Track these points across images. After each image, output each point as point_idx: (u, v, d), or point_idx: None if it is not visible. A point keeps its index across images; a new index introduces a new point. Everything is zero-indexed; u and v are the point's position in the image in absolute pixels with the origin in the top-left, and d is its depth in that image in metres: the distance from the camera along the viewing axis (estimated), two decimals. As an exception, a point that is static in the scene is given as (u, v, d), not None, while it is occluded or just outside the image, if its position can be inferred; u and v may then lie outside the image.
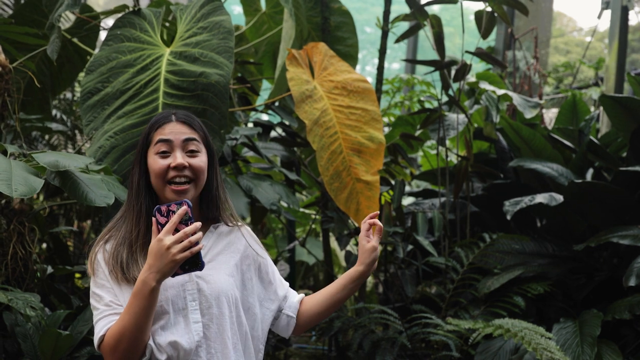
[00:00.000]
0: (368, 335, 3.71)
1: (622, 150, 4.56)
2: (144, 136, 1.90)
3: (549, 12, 8.36)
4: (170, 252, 1.70)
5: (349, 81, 3.69)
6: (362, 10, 10.22)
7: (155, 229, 1.75)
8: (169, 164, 1.84)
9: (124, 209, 1.92)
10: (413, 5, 4.16)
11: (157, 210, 1.75)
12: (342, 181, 3.51)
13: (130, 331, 1.74)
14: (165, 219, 1.75)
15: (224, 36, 3.08)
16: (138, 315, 1.73)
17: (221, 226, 2.00)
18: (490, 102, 4.65)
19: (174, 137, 1.86)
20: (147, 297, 1.72)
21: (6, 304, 2.72)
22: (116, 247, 1.86)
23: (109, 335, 1.77)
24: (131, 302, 1.74)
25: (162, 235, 1.72)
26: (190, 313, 1.83)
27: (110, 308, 1.82)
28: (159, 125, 1.89)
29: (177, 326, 1.82)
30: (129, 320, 1.74)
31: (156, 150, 1.86)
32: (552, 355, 2.90)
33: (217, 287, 1.87)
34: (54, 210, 4.63)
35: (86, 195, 2.47)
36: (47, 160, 2.43)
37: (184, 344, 1.80)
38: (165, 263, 1.71)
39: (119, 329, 1.75)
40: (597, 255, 4.28)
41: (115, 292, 1.83)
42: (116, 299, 1.82)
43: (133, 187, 1.89)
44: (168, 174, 1.85)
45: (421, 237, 3.98)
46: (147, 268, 1.72)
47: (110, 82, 3.01)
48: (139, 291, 1.73)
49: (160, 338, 1.81)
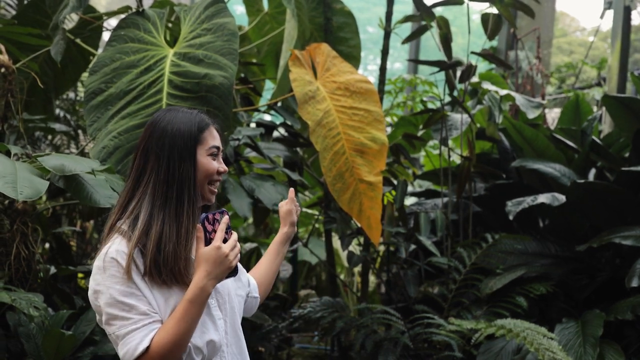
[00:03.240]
0: (370, 336, 3.71)
1: (625, 151, 4.56)
2: (194, 133, 1.84)
3: (552, 12, 8.35)
4: (229, 259, 1.76)
5: (351, 82, 3.69)
6: (364, 10, 10.21)
7: (201, 236, 1.75)
8: (217, 168, 1.87)
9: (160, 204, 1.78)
10: (420, 6, 4.15)
11: (205, 218, 1.77)
12: (344, 182, 3.51)
13: (186, 339, 1.71)
14: (211, 226, 1.78)
15: (228, 38, 3.08)
16: (194, 322, 1.71)
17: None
18: (492, 102, 4.65)
19: (220, 144, 1.90)
20: (203, 304, 1.72)
21: (9, 304, 2.73)
22: (162, 248, 1.74)
23: (157, 345, 1.69)
24: (187, 309, 1.70)
25: (219, 243, 1.75)
26: (213, 310, 1.85)
27: (148, 317, 1.71)
28: (206, 127, 1.87)
29: (207, 325, 1.82)
30: (186, 327, 1.70)
31: (210, 152, 1.86)
32: (554, 356, 2.90)
33: (226, 282, 1.90)
34: (57, 211, 4.64)
35: (91, 196, 2.47)
36: (53, 164, 2.43)
37: (217, 341, 1.82)
38: (223, 270, 1.75)
39: (172, 338, 1.69)
40: (599, 255, 4.28)
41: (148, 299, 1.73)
42: (150, 307, 1.73)
43: (184, 182, 1.80)
44: (214, 177, 1.88)
45: (423, 237, 3.98)
46: (205, 275, 1.72)
47: (114, 82, 3.01)
48: (197, 298, 1.70)
49: (197, 339, 1.78)
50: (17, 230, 3.01)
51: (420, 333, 3.71)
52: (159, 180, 1.79)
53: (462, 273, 3.91)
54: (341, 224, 4.04)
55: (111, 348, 2.98)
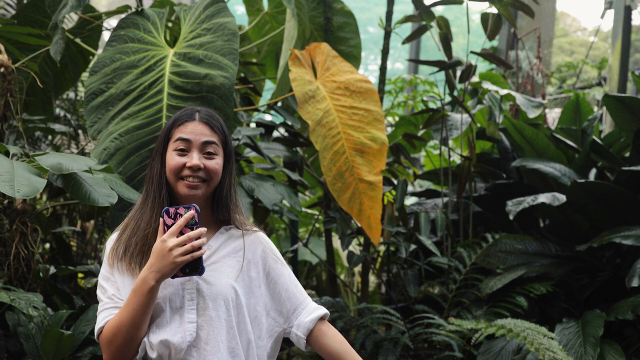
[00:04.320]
0: (371, 336, 3.71)
1: (625, 150, 4.56)
2: (165, 130, 1.93)
3: (552, 12, 8.35)
4: (172, 254, 1.74)
5: (351, 81, 3.69)
6: (364, 10, 10.21)
7: (161, 229, 1.79)
8: (184, 163, 1.86)
9: (142, 199, 1.92)
10: (420, 6, 4.15)
11: (165, 212, 1.79)
12: (344, 181, 3.50)
13: (125, 327, 1.78)
14: (172, 221, 1.78)
15: (228, 38, 3.07)
16: (135, 312, 1.77)
17: (233, 229, 1.99)
18: (493, 102, 4.65)
19: (193, 138, 1.88)
20: (145, 295, 1.76)
21: (9, 304, 2.72)
22: (130, 237, 1.88)
23: (106, 328, 1.82)
24: (130, 298, 1.78)
25: (166, 237, 1.76)
26: (187, 312, 1.83)
27: (112, 301, 1.86)
28: (181, 123, 1.91)
29: (172, 325, 1.83)
30: (126, 316, 1.78)
31: (175, 147, 1.89)
32: (554, 356, 2.90)
33: (216, 289, 1.86)
34: (57, 210, 4.64)
35: (89, 195, 2.46)
36: (50, 163, 2.42)
37: (175, 343, 1.80)
38: (165, 264, 1.75)
39: (116, 323, 1.80)
40: (600, 255, 4.28)
41: (118, 285, 1.87)
42: (118, 293, 1.86)
43: (153, 179, 1.91)
44: (182, 172, 1.87)
45: (424, 237, 3.98)
46: (149, 267, 1.77)
47: (115, 83, 3.01)
48: (138, 288, 1.77)
49: (153, 336, 1.82)
50: (17, 230, 3.01)
51: (421, 333, 3.70)
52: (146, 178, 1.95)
53: (462, 273, 3.91)
54: (341, 223, 4.03)
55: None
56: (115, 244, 1.90)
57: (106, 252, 1.92)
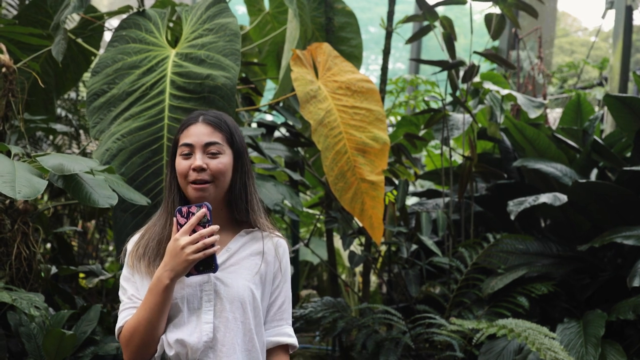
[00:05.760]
0: (372, 336, 3.71)
1: (627, 150, 4.56)
2: (174, 138, 1.97)
3: (553, 12, 8.35)
4: (185, 252, 1.77)
5: (353, 81, 3.69)
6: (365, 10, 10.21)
7: (174, 229, 1.82)
8: (190, 165, 1.88)
9: (162, 206, 1.97)
10: (423, 6, 4.15)
11: (178, 211, 1.82)
12: (346, 181, 3.51)
13: (143, 325, 1.81)
14: (185, 219, 1.80)
15: (230, 38, 3.07)
16: (151, 311, 1.80)
17: (255, 232, 1.99)
18: (494, 102, 4.65)
19: (195, 140, 1.90)
20: (160, 294, 1.78)
21: (10, 304, 2.73)
22: (148, 240, 1.92)
23: (125, 328, 1.85)
24: (146, 298, 1.81)
25: (179, 235, 1.79)
26: (204, 314, 1.85)
27: (132, 301, 1.89)
28: (185, 128, 1.94)
29: (189, 325, 1.84)
30: (143, 315, 1.81)
31: (180, 152, 1.92)
32: (556, 356, 2.90)
33: (234, 291, 1.87)
34: (59, 210, 4.64)
35: (90, 197, 2.46)
36: (52, 164, 2.42)
37: (191, 343, 1.82)
38: (178, 262, 1.77)
39: (133, 323, 1.83)
40: (601, 255, 4.28)
41: (137, 285, 1.90)
42: (137, 293, 1.89)
43: (166, 186, 1.97)
44: (190, 175, 1.88)
45: (425, 237, 3.98)
46: (163, 266, 1.79)
47: (116, 83, 3.01)
48: (154, 287, 1.80)
49: (170, 335, 1.84)
50: (18, 230, 3.01)
51: (422, 333, 3.70)
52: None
53: (463, 273, 3.91)
54: (343, 223, 4.04)
55: (112, 348, 2.98)
56: (135, 245, 1.94)
57: (127, 254, 1.96)
